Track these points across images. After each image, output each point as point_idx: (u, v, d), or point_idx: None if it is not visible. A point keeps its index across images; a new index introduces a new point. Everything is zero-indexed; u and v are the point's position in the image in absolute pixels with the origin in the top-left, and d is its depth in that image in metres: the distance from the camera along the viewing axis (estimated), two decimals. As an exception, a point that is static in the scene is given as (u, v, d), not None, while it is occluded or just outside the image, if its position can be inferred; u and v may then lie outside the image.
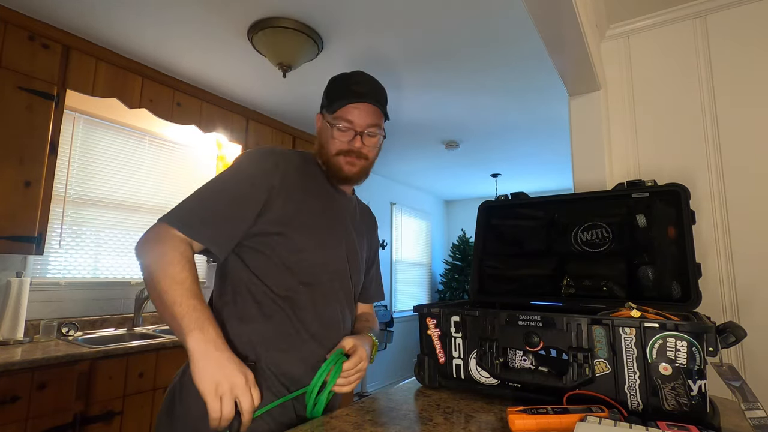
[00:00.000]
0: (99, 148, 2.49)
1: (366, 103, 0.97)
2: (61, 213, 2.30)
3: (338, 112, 0.97)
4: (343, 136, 0.97)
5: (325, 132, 1.01)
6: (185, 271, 0.77)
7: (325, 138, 1.01)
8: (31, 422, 1.60)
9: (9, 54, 1.87)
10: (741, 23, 1.45)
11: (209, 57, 2.32)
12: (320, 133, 1.03)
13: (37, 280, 2.18)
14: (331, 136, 0.98)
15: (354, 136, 0.97)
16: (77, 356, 1.73)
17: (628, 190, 1.12)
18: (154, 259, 0.78)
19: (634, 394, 0.70)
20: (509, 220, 1.28)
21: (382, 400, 0.86)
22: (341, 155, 0.98)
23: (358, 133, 0.97)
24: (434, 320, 0.94)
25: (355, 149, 0.97)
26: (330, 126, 0.98)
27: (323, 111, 1.03)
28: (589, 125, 1.61)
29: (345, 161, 0.98)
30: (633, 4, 1.56)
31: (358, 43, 2.18)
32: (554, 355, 0.79)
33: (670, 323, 0.69)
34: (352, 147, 0.97)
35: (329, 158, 0.99)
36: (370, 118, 0.98)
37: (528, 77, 2.55)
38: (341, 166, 0.98)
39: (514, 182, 5.17)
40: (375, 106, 0.98)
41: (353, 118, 0.97)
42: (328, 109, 1.00)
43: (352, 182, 1.03)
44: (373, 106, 0.98)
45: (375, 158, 1.04)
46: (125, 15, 1.95)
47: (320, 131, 1.03)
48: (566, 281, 1.14)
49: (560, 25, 1.21)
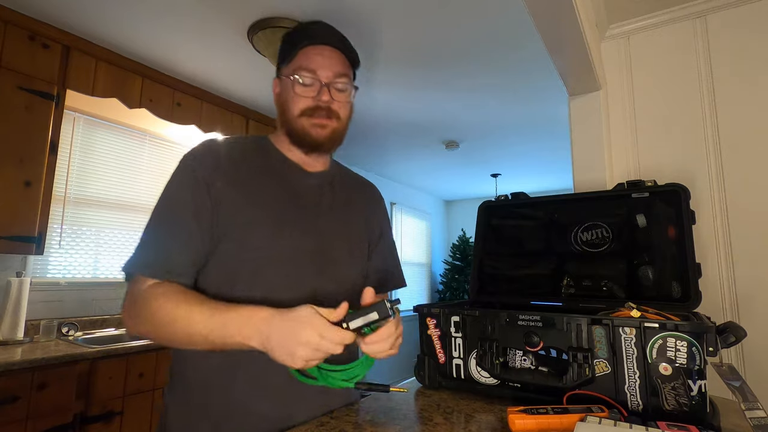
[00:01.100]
0: (99, 148, 2.49)
1: (330, 47, 0.83)
2: (61, 213, 2.30)
3: (297, 59, 0.82)
4: (306, 90, 0.81)
5: (284, 92, 0.85)
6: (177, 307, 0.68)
7: (285, 100, 0.85)
8: (31, 422, 1.60)
9: (9, 54, 1.87)
10: (741, 23, 1.45)
11: (209, 57, 2.32)
12: (279, 98, 0.87)
13: (37, 280, 2.18)
14: (292, 95, 0.82)
15: (320, 89, 0.81)
16: (77, 356, 1.73)
17: (628, 190, 1.12)
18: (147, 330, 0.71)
19: (634, 394, 0.70)
20: (509, 220, 1.28)
21: (382, 400, 0.86)
22: (306, 116, 0.82)
23: (324, 85, 0.81)
24: (434, 320, 0.94)
25: (323, 104, 0.81)
26: (290, 82, 0.82)
27: (279, 69, 0.87)
28: (589, 125, 1.61)
29: (311, 123, 0.82)
30: (633, 4, 1.56)
31: (358, 43, 2.18)
32: (554, 355, 0.79)
33: (670, 323, 0.69)
34: (319, 103, 0.81)
35: (292, 122, 0.83)
36: (337, 66, 0.83)
37: (528, 77, 2.55)
38: (307, 130, 0.82)
39: (514, 182, 5.17)
40: (340, 52, 0.84)
41: (316, 66, 0.81)
42: (284, 63, 0.85)
43: (323, 148, 0.86)
44: (339, 52, 0.83)
45: (348, 120, 0.88)
46: (125, 15, 1.95)
47: (279, 97, 0.87)
48: (566, 281, 1.14)
49: (560, 25, 1.21)
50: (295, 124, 0.83)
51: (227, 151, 0.83)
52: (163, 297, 0.70)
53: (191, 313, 0.68)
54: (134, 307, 0.72)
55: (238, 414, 0.74)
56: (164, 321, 0.68)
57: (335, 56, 0.83)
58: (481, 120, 3.27)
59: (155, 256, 0.73)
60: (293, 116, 0.83)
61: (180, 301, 0.69)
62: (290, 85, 0.82)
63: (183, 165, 0.80)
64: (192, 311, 0.68)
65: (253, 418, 0.74)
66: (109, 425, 1.81)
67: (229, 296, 0.74)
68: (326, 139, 0.83)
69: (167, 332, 0.69)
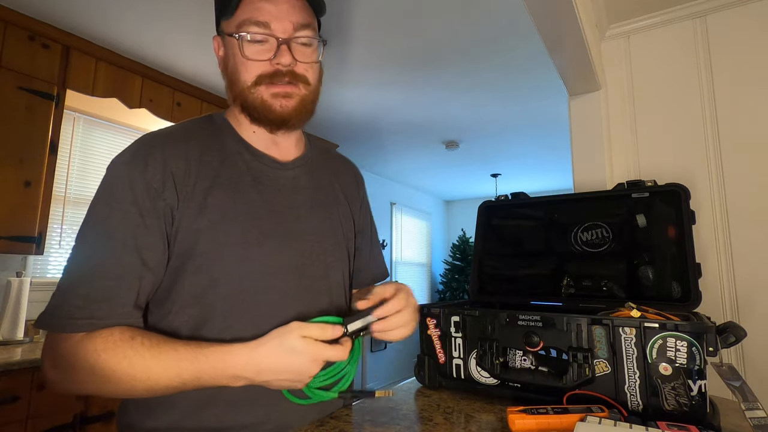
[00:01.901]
0: (99, 148, 2.49)
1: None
2: (61, 213, 2.30)
3: (242, 10, 0.63)
4: (259, 51, 0.63)
5: (231, 56, 0.66)
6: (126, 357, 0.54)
7: (233, 66, 0.65)
8: (31, 422, 1.60)
9: (9, 54, 1.87)
10: (741, 23, 1.45)
11: (209, 57, 2.32)
12: (224, 63, 0.69)
13: (37, 280, 2.18)
14: (241, 59, 0.63)
15: (278, 48, 0.63)
16: (77, 356, 1.73)
17: (628, 190, 1.12)
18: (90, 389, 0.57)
19: (634, 394, 0.70)
20: (509, 220, 1.28)
21: (382, 400, 0.86)
22: (263, 84, 0.64)
23: (282, 42, 0.63)
24: (434, 320, 0.94)
25: (284, 67, 0.63)
26: (235, 42, 0.63)
27: (220, 26, 0.69)
28: (589, 125, 1.61)
29: (271, 93, 0.64)
30: (633, 4, 1.55)
31: (359, 43, 2.18)
32: (554, 355, 0.79)
33: (670, 323, 0.69)
34: (278, 66, 0.63)
35: (246, 95, 0.65)
36: (297, 14, 0.64)
37: (528, 77, 2.55)
38: (268, 103, 0.64)
39: (514, 182, 5.17)
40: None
41: (268, 18, 0.62)
42: (225, 16, 0.66)
43: (290, 124, 0.68)
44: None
45: (319, 84, 0.70)
46: (125, 15, 1.95)
47: (224, 60, 0.69)
48: (566, 281, 1.14)
49: (560, 25, 1.21)
50: (251, 96, 0.65)
51: (175, 149, 0.64)
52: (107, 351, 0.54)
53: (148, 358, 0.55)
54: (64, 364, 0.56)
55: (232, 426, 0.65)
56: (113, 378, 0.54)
57: (293, 5, 0.64)
58: (481, 120, 3.27)
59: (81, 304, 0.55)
60: (246, 86, 0.65)
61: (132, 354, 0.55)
62: (236, 46, 0.64)
63: (117, 175, 0.61)
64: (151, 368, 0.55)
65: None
66: (109, 425, 1.81)
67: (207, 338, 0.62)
68: (293, 111, 0.66)
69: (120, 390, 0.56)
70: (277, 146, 0.73)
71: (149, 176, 0.61)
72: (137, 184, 0.60)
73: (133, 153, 0.63)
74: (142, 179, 0.60)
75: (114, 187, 0.61)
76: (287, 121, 0.67)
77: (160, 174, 0.61)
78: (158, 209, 0.60)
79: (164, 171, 0.61)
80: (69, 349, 0.55)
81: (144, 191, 0.60)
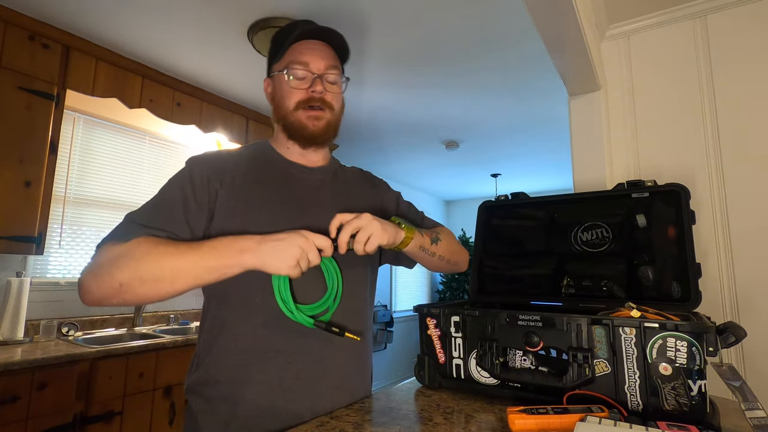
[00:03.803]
0: (99, 148, 2.49)
1: (319, 41, 0.87)
2: (61, 213, 2.30)
3: (289, 55, 0.86)
4: (300, 83, 0.85)
5: (278, 88, 0.88)
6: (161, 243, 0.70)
7: (279, 96, 0.88)
8: (31, 422, 1.60)
9: (9, 54, 1.87)
10: (741, 23, 1.45)
11: (209, 57, 2.32)
12: (273, 96, 0.91)
13: (37, 280, 2.18)
14: (286, 89, 0.86)
15: (313, 81, 0.85)
16: (77, 356, 1.73)
17: (628, 190, 1.12)
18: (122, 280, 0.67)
19: (634, 394, 0.70)
20: (509, 220, 1.28)
21: (382, 400, 0.86)
22: (301, 109, 0.85)
23: (317, 77, 0.85)
24: (434, 320, 0.94)
25: (317, 95, 0.85)
26: (283, 76, 0.86)
27: (271, 68, 0.91)
28: (589, 125, 1.61)
29: (307, 116, 0.86)
30: (633, 4, 1.56)
31: (359, 43, 2.18)
32: (554, 355, 0.79)
33: (670, 323, 0.69)
34: (312, 94, 0.85)
35: (288, 117, 0.87)
36: (328, 59, 0.87)
37: (528, 77, 2.55)
38: (304, 122, 0.86)
39: (514, 182, 5.17)
40: (329, 46, 0.88)
41: (308, 59, 0.85)
42: (275, 60, 0.89)
43: (319, 140, 0.89)
44: (328, 45, 0.88)
45: (341, 112, 0.92)
46: (125, 15, 1.95)
47: (273, 94, 0.91)
48: (566, 281, 1.14)
49: (560, 25, 1.21)
50: (291, 117, 0.86)
51: (228, 157, 0.86)
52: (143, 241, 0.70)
53: (178, 247, 0.69)
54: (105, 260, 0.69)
55: (249, 411, 0.76)
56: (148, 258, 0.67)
57: (325, 49, 0.88)
58: (481, 120, 3.27)
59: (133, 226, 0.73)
60: (289, 111, 0.86)
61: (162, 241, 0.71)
62: (283, 81, 0.86)
63: (184, 168, 0.83)
64: (179, 245, 0.70)
65: (263, 415, 0.76)
66: (109, 425, 1.81)
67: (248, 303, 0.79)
68: (322, 130, 0.87)
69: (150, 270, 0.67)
70: (305, 157, 0.92)
71: (204, 167, 0.81)
72: (194, 172, 0.81)
73: (195, 157, 0.85)
74: (198, 169, 0.81)
75: (178, 174, 0.82)
76: (317, 137, 0.87)
77: (212, 167, 0.82)
78: (205, 189, 0.79)
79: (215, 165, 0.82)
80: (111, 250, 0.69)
81: (198, 176, 0.80)
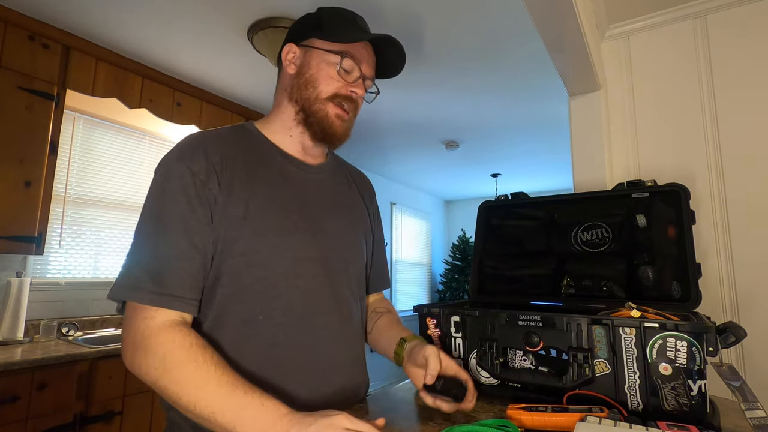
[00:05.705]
0: (99, 148, 2.49)
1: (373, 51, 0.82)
2: (61, 213, 2.30)
3: (347, 46, 0.77)
4: (346, 76, 0.77)
5: (316, 66, 0.77)
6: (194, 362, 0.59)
7: (313, 75, 0.77)
8: (31, 422, 1.60)
9: (9, 54, 1.87)
10: (741, 23, 1.45)
11: (209, 57, 2.32)
12: (302, 70, 0.78)
13: (37, 280, 2.18)
14: (328, 72, 0.76)
15: (356, 81, 0.78)
16: (77, 356, 1.73)
17: (628, 190, 1.12)
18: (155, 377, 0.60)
19: (634, 394, 0.70)
20: (509, 220, 1.28)
21: (382, 400, 0.86)
22: (333, 102, 0.77)
23: (365, 78, 0.79)
24: (434, 320, 0.94)
25: (355, 96, 0.78)
26: (331, 57, 0.76)
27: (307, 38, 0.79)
28: (589, 125, 1.61)
29: (336, 112, 0.77)
30: (633, 4, 1.55)
31: (358, 43, 2.18)
32: (554, 355, 0.79)
33: (670, 323, 0.69)
34: (352, 93, 0.77)
35: (314, 102, 0.77)
36: (374, 70, 0.83)
37: (528, 77, 2.55)
38: (331, 118, 0.77)
39: (514, 182, 5.17)
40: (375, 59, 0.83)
41: (364, 60, 0.79)
42: (326, 37, 0.78)
43: (336, 142, 0.81)
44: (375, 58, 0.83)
45: None
46: (125, 15, 1.95)
47: (302, 68, 0.78)
48: (566, 281, 1.14)
49: (560, 25, 1.21)
50: (319, 105, 0.76)
51: (214, 146, 0.73)
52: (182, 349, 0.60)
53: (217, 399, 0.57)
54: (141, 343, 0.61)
55: None
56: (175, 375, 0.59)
57: (374, 60, 0.83)
58: (481, 120, 3.27)
59: (145, 277, 0.63)
60: (319, 96, 0.76)
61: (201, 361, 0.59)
62: (329, 63, 0.77)
63: (168, 170, 0.70)
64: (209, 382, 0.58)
65: None
66: (109, 425, 1.81)
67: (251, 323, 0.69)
68: (346, 132, 0.80)
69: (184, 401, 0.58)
70: (305, 152, 0.83)
71: (195, 169, 0.69)
72: (186, 177, 0.68)
73: (180, 150, 0.72)
74: (189, 171, 0.69)
75: (166, 181, 0.69)
76: (340, 139, 0.80)
77: (204, 167, 0.70)
78: (203, 197, 0.68)
79: (207, 164, 0.70)
80: (149, 330, 0.61)
81: (191, 182, 0.68)
